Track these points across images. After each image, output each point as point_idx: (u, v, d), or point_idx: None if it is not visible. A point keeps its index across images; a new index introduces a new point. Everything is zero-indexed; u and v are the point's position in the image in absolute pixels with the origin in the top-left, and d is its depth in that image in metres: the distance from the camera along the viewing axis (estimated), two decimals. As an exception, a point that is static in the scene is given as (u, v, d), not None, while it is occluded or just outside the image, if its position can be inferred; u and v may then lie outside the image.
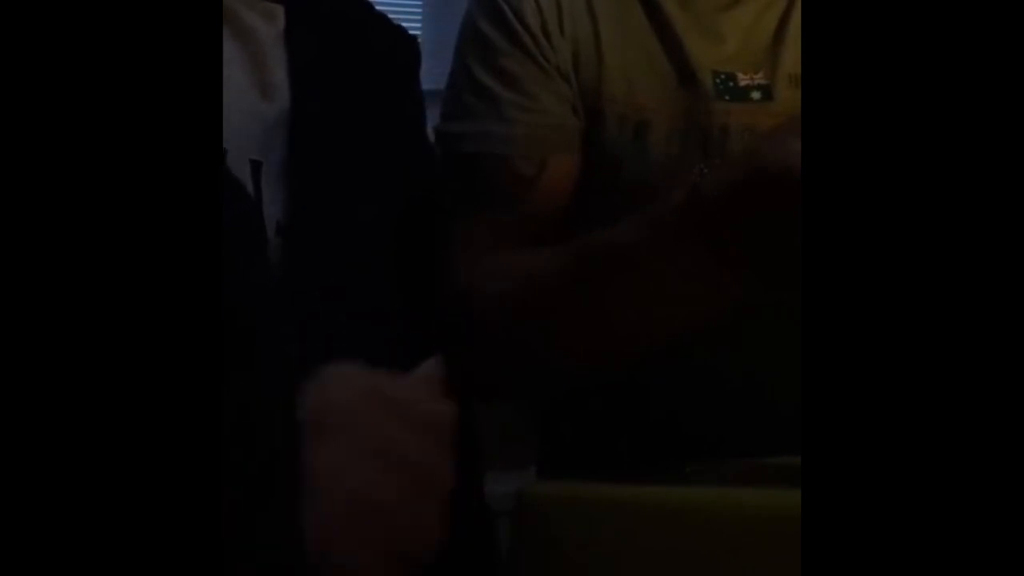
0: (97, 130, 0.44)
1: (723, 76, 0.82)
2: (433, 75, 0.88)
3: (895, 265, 0.43)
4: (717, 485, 0.67)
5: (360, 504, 0.49)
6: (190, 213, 0.45)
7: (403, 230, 0.72)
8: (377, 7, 0.84)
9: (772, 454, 0.69)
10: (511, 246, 0.77)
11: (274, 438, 0.49)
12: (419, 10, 1.92)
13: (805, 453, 0.44)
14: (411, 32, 0.87)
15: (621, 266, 0.69)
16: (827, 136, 0.45)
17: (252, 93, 0.67)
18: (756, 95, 0.83)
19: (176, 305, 0.44)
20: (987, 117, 0.43)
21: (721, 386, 0.81)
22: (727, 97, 0.82)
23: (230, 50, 0.65)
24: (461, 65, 0.84)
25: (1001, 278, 0.42)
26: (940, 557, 0.42)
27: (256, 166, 0.66)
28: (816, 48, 0.46)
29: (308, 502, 0.48)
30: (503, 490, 0.72)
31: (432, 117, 0.86)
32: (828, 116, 0.45)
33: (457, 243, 0.79)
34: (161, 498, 0.43)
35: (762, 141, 0.64)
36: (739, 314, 0.67)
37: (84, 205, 0.43)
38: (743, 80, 0.83)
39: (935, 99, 0.44)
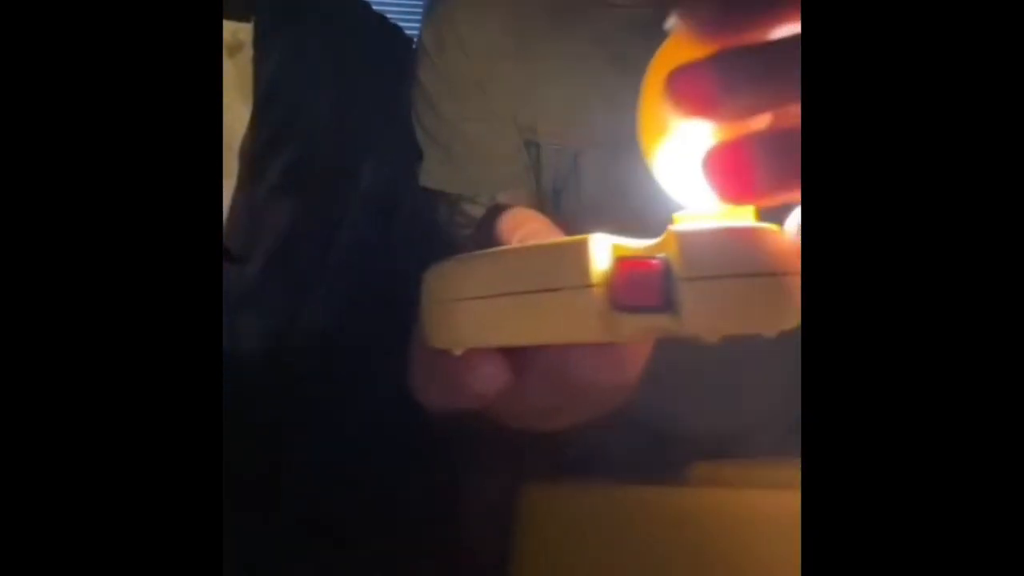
0: (101, 135, 0.44)
1: None
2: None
3: (895, 266, 0.43)
4: (717, 485, 0.67)
5: None
6: (188, 218, 0.45)
7: (388, 238, 0.73)
8: (376, 7, 0.84)
9: (772, 454, 0.69)
10: None
11: None
12: (419, 9, 1.92)
13: (805, 453, 0.44)
14: (409, 33, 0.87)
15: None
16: (827, 141, 0.45)
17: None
18: None
19: (174, 308, 0.44)
20: (986, 118, 0.43)
21: (721, 385, 0.81)
22: None
23: None
24: (411, 103, 0.86)
25: (1001, 275, 0.42)
26: (940, 557, 0.42)
27: None
28: (815, 51, 0.46)
29: None
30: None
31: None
32: (828, 120, 0.45)
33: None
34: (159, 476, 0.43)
35: None
36: None
37: (79, 211, 0.43)
38: None
39: (938, 100, 0.44)
